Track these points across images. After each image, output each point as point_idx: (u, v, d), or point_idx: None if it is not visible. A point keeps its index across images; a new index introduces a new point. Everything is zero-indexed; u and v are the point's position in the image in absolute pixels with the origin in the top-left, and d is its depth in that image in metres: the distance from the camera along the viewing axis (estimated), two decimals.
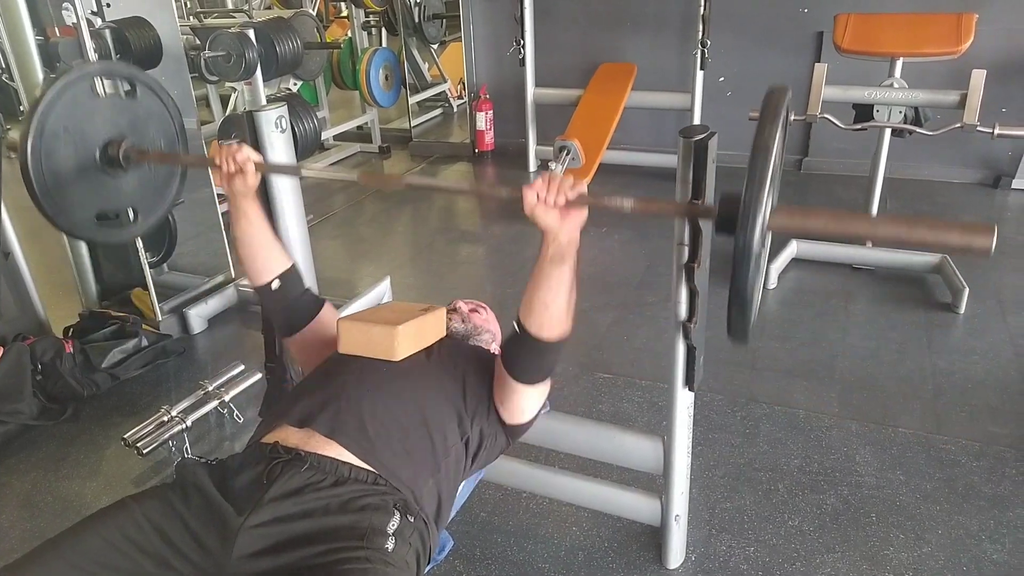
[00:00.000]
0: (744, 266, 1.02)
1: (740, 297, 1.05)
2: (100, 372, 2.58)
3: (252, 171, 1.47)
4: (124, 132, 1.76)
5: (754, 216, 1.00)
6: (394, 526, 1.21)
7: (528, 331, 1.31)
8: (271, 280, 1.55)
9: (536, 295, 1.29)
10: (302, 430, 1.31)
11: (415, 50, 6.13)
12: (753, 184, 1.00)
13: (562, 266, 1.26)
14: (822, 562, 1.79)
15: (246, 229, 1.52)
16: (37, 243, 3.49)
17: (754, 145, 1.03)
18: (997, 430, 2.21)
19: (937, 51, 3.01)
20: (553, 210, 1.21)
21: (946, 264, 3.03)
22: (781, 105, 1.09)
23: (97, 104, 1.72)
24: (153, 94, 1.84)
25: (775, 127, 1.04)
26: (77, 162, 1.69)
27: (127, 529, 1.19)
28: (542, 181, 1.21)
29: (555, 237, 1.23)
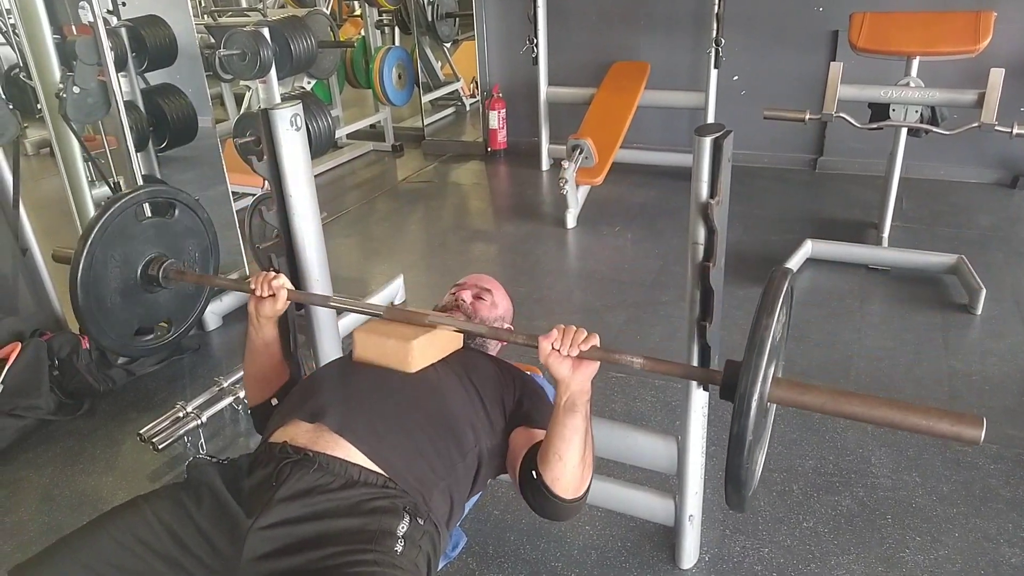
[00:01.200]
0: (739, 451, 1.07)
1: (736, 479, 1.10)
2: (116, 368, 2.60)
3: (283, 297, 1.53)
4: (163, 251, 1.85)
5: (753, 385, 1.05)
6: (403, 529, 1.22)
7: (544, 482, 1.31)
8: (270, 398, 1.61)
9: (551, 445, 1.30)
10: (312, 424, 1.32)
11: (428, 49, 6.14)
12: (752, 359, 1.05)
13: (575, 416, 1.26)
14: (837, 564, 1.78)
15: (261, 351, 1.58)
16: (54, 240, 3.51)
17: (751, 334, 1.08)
18: (1015, 432, 2.19)
19: (954, 50, 2.98)
20: (566, 360, 1.24)
21: (962, 264, 3.00)
22: (783, 285, 1.14)
23: (140, 228, 1.80)
24: (190, 211, 1.91)
25: (773, 318, 1.08)
26: (121, 286, 1.78)
27: (139, 530, 1.20)
28: (557, 332, 1.25)
29: (567, 386, 1.26)
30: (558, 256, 3.73)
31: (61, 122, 2.50)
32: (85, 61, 2.42)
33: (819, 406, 1.09)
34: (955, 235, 3.56)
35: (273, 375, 1.61)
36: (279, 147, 1.68)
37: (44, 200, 4.50)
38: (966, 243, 3.39)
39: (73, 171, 2.64)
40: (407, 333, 1.44)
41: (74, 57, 2.44)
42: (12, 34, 4.44)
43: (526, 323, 2.68)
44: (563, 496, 1.30)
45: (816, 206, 4.07)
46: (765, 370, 1.06)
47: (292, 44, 3.83)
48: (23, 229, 2.63)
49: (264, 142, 1.68)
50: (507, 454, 1.45)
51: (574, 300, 3.23)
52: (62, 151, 2.61)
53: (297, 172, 1.73)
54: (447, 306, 1.73)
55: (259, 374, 1.61)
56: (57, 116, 2.48)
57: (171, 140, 3.02)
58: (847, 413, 1.07)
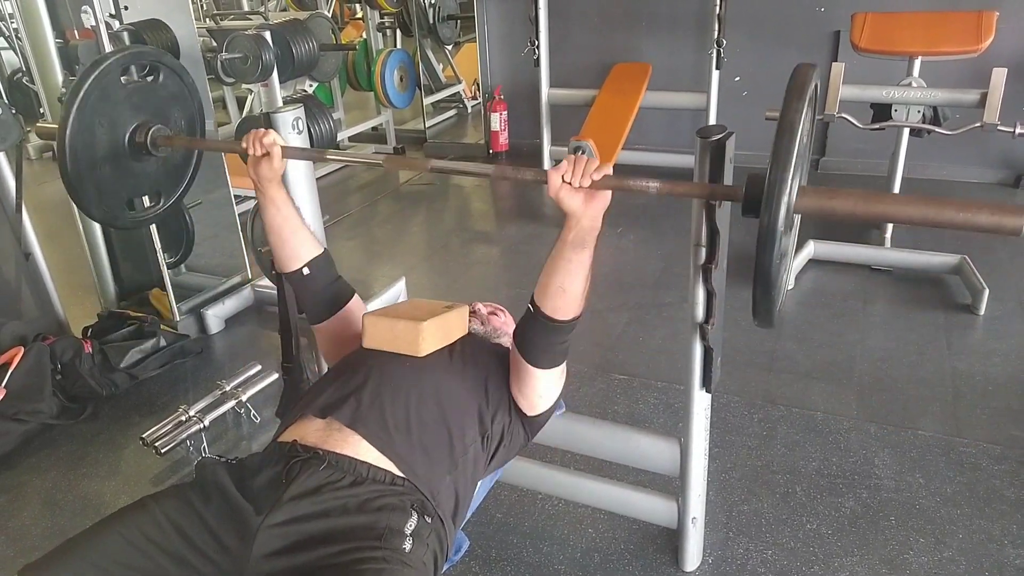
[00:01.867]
0: (769, 244, 0.99)
1: (765, 276, 1.03)
2: (119, 372, 2.60)
3: (279, 155, 1.48)
4: (149, 117, 1.77)
5: (780, 192, 0.97)
6: (412, 526, 1.22)
7: (543, 312, 1.32)
8: (301, 267, 1.55)
9: (553, 278, 1.29)
10: (324, 420, 1.32)
11: (430, 51, 6.14)
12: (779, 162, 0.98)
13: (582, 250, 1.26)
14: (840, 566, 1.77)
15: (274, 215, 1.53)
16: (56, 244, 3.53)
17: (780, 123, 1.01)
18: (1019, 433, 2.18)
19: (957, 50, 2.98)
20: (578, 193, 1.21)
21: (965, 265, 3.00)
22: (808, 82, 1.06)
23: (124, 91, 1.72)
24: (175, 75, 1.84)
25: (802, 104, 1.01)
26: (109, 153, 1.71)
27: (147, 529, 1.20)
28: (567, 163, 1.21)
29: (578, 221, 1.23)
30: None
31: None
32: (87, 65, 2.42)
33: (848, 210, 1.01)
34: (958, 235, 3.54)
35: (297, 242, 1.55)
36: None
37: (47, 204, 4.51)
38: (969, 243, 3.37)
39: None
40: (416, 315, 1.45)
41: (76, 61, 2.45)
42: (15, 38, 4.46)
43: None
44: (562, 319, 1.32)
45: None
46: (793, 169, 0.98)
47: (294, 47, 3.84)
48: (25, 233, 2.64)
49: None
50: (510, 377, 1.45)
51: None
52: None
53: (299, 175, 1.73)
54: None
55: (283, 244, 1.55)
56: None
57: None
58: (878, 214, 1.01)
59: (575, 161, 1.21)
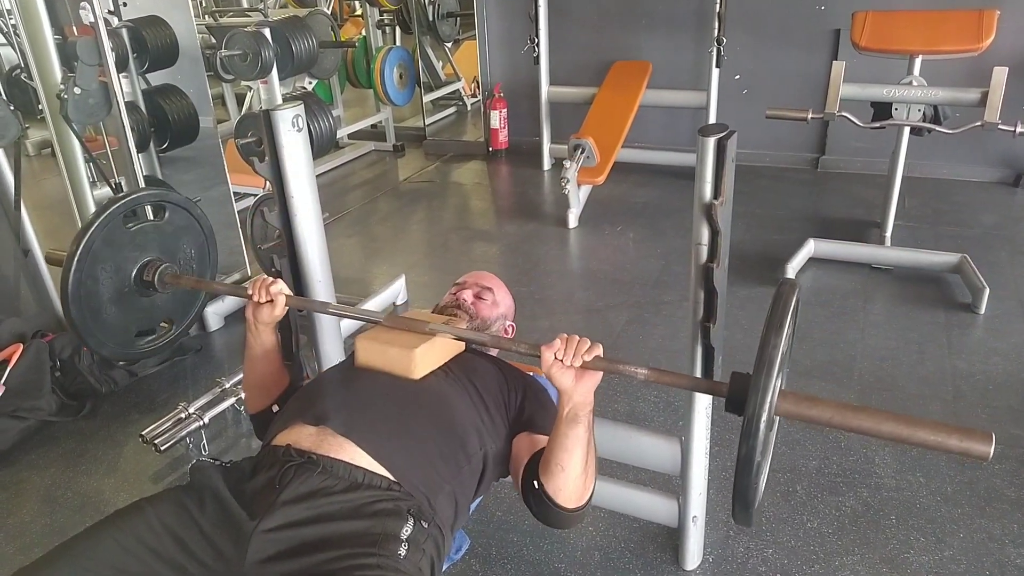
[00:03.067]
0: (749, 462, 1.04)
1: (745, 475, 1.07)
2: (118, 369, 2.59)
3: (282, 303, 1.50)
4: (156, 256, 1.80)
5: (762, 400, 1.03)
6: (407, 532, 1.21)
7: (546, 492, 1.30)
8: (270, 405, 1.60)
9: (553, 456, 1.29)
10: (317, 427, 1.31)
11: (429, 48, 6.13)
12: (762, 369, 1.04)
13: (576, 426, 1.25)
14: (841, 564, 1.77)
15: (260, 358, 1.56)
16: (56, 241, 3.52)
17: (764, 333, 1.07)
18: (1019, 432, 2.18)
19: (958, 48, 2.97)
20: (569, 371, 1.23)
21: (966, 264, 2.99)
22: (791, 300, 1.13)
23: (129, 235, 1.75)
24: (181, 210, 1.87)
25: (781, 335, 1.07)
26: (115, 294, 1.74)
27: (142, 533, 1.19)
28: (560, 341, 1.23)
29: (570, 397, 1.24)
30: (560, 256, 3.72)
31: (62, 123, 2.50)
32: (86, 62, 2.42)
33: (826, 420, 1.07)
34: (958, 234, 3.55)
35: (272, 382, 1.60)
36: (280, 148, 1.67)
37: (46, 201, 4.50)
38: (969, 242, 3.38)
39: (74, 172, 2.64)
40: (410, 340, 1.44)
41: (75, 58, 2.44)
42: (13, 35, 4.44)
43: (528, 323, 2.68)
44: (565, 505, 1.30)
45: (818, 205, 4.06)
46: (773, 388, 1.05)
47: (293, 44, 3.83)
48: (24, 230, 2.63)
49: (266, 143, 1.68)
50: (510, 459, 1.44)
51: (576, 300, 3.23)
52: (63, 152, 2.60)
53: (299, 173, 1.73)
54: (447, 305, 1.72)
55: (259, 381, 1.59)
56: (58, 117, 2.48)
57: (172, 141, 3.02)
58: (855, 427, 1.06)
59: (567, 340, 1.23)
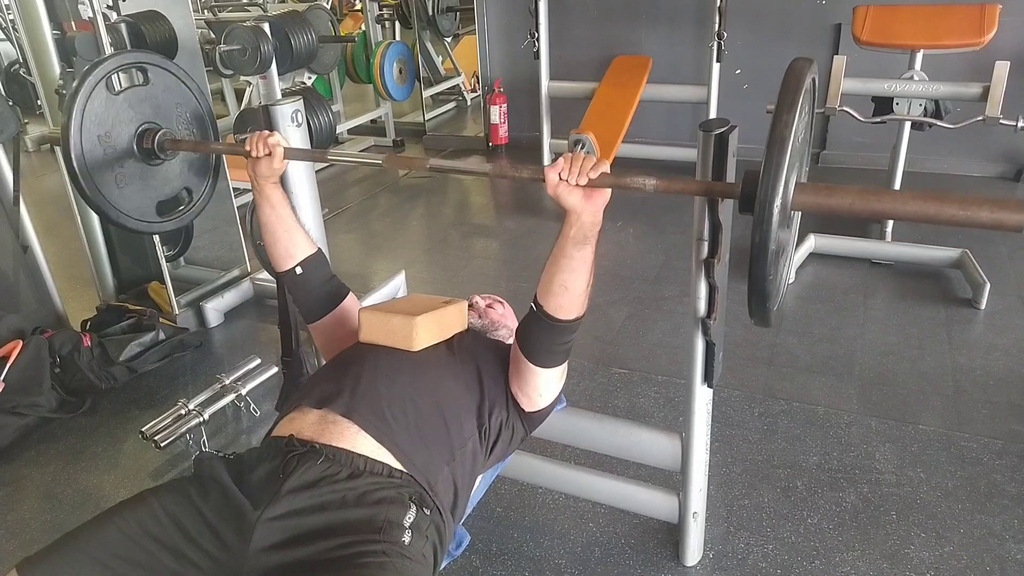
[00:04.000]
0: (763, 248, 0.98)
1: (758, 275, 1.02)
2: (118, 365, 2.59)
3: (280, 155, 1.49)
4: (152, 120, 1.76)
5: (774, 187, 0.95)
6: (411, 519, 1.21)
7: (546, 311, 1.31)
8: (294, 266, 1.56)
9: (556, 277, 1.28)
10: (319, 411, 1.32)
11: (429, 43, 6.12)
12: (773, 153, 0.96)
13: (584, 247, 1.25)
14: (842, 560, 1.77)
15: (269, 214, 1.54)
16: (55, 237, 3.52)
17: (775, 115, 0.99)
18: (1020, 428, 2.18)
19: (959, 43, 2.96)
20: (576, 190, 1.20)
21: (967, 259, 2.99)
22: (804, 75, 1.05)
23: (118, 102, 1.71)
24: (165, 71, 1.83)
25: (798, 96, 1.00)
26: (122, 165, 1.71)
27: (146, 523, 1.20)
28: (564, 161, 1.20)
29: (578, 217, 1.22)
30: None
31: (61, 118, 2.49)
32: (85, 57, 2.41)
33: (847, 207, 1.00)
34: (959, 229, 3.53)
35: (290, 242, 1.56)
36: None
37: (45, 197, 4.49)
38: (970, 237, 3.36)
39: None
40: (412, 310, 1.45)
41: (74, 53, 2.43)
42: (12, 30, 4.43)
43: None
44: (565, 318, 1.31)
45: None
46: (787, 173, 0.97)
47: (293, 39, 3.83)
48: (24, 226, 2.63)
49: None
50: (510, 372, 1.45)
51: None
52: None
53: (298, 168, 1.72)
54: None
55: (276, 242, 1.56)
56: (57, 112, 2.48)
57: None
58: (877, 211, 1.00)
59: (572, 159, 1.20)
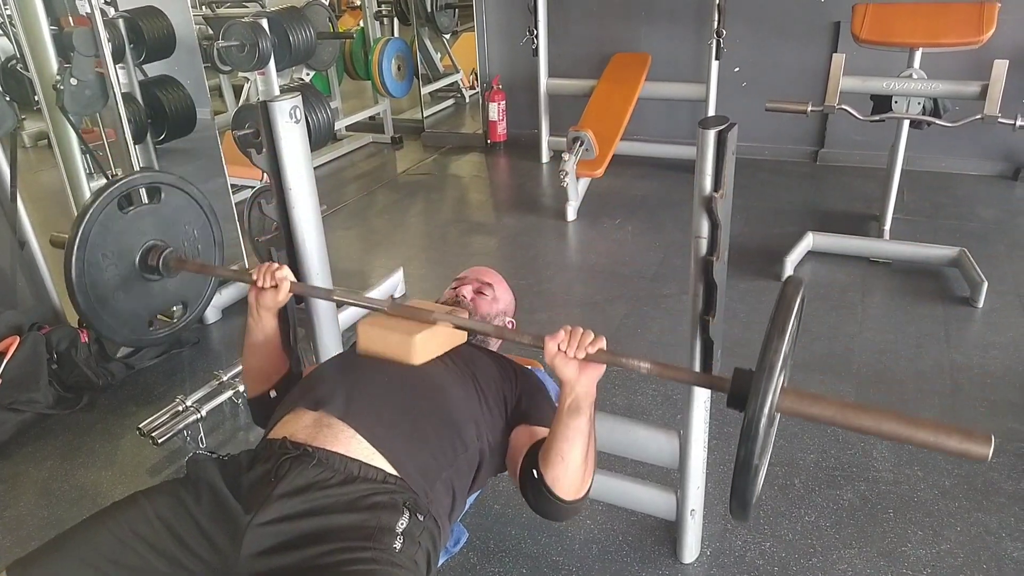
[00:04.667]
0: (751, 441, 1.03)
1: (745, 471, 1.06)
2: (115, 361, 2.59)
3: (286, 288, 1.51)
4: (158, 239, 1.79)
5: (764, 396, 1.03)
6: (403, 525, 1.21)
7: (545, 483, 1.30)
8: (268, 390, 1.59)
9: (554, 445, 1.29)
10: (316, 413, 1.31)
11: (427, 40, 6.10)
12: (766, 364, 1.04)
13: (578, 417, 1.26)
14: (839, 558, 1.77)
15: (259, 341, 1.56)
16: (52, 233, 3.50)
17: (769, 327, 1.07)
18: (1017, 426, 2.18)
19: (958, 41, 2.96)
20: (572, 362, 1.23)
21: (964, 257, 2.99)
22: (796, 295, 1.13)
23: (125, 221, 1.74)
24: (177, 190, 1.86)
25: (784, 338, 1.07)
26: (121, 281, 1.74)
27: (138, 526, 1.19)
28: (564, 333, 1.24)
29: (572, 388, 1.25)
30: (558, 249, 3.72)
31: (59, 114, 2.48)
32: (83, 53, 2.41)
33: (828, 418, 1.07)
34: (957, 228, 3.55)
35: (272, 368, 1.60)
36: (278, 139, 1.66)
37: (42, 192, 4.48)
38: (968, 236, 3.37)
39: (71, 163, 2.63)
40: (411, 327, 1.44)
41: (71, 48, 2.42)
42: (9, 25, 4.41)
43: (526, 316, 2.67)
44: (564, 497, 1.30)
45: (817, 199, 4.06)
46: (775, 388, 1.04)
47: (291, 35, 3.81)
48: (21, 222, 2.62)
49: (263, 134, 1.67)
50: (508, 452, 1.44)
51: (574, 293, 3.22)
52: (60, 143, 2.59)
53: (297, 164, 1.71)
54: (447, 301, 1.72)
55: (258, 366, 1.59)
56: (54, 108, 2.47)
57: (169, 132, 3.01)
58: (855, 426, 1.06)
59: (571, 332, 1.24)
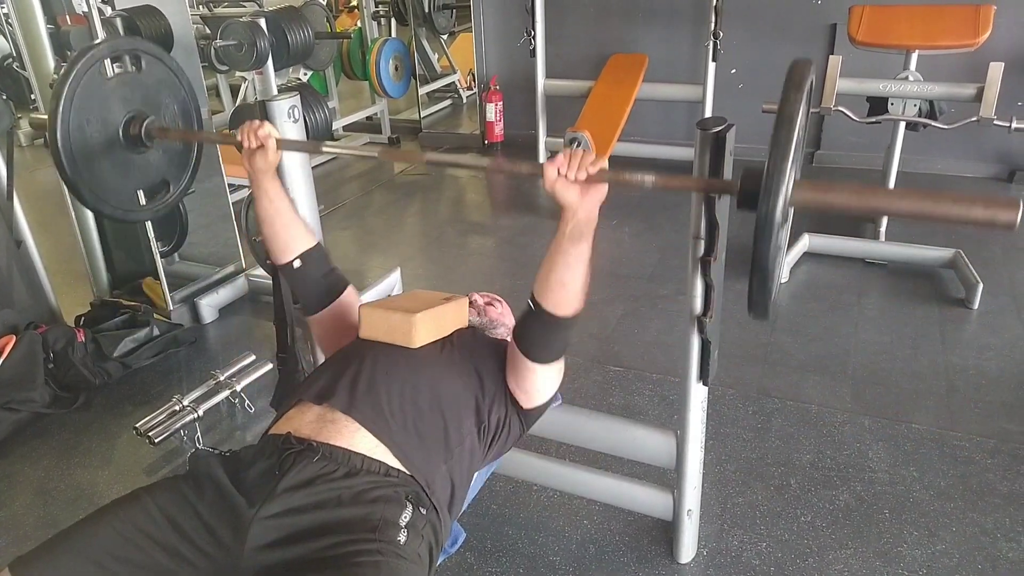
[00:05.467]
0: (766, 237, 1.00)
1: (761, 270, 1.03)
2: (112, 361, 2.58)
3: (273, 147, 1.48)
4: (140, 108, 1.76)
5: (777, 186, 0.97)
6: (406, 518, 1.21)
7: (543, 308, 1.31)
8: (292, 259, 1.55)
9: (553, 273, 1.29)
10: (320, 407, 1.32)
11: (425, 40, 6.10)
12: (777, 153, 0.98)
13: (580, 243, 1.25)
14: (835, 558, 1.78)
15: (267, 207, 1.53)
16: (49, 232, 3.50)
17: (778, 115, 1.01)
18: (1012, 427, 2.19)
19: (954, 43, 2.97)
20: (573, 185, 1.20)
21: (960, 259, 3.00)
22: (805, 77, 1.07)
23: (108, 87, 1.71)
24: (158, 61, 1.83)
25: (800, 96, 1.02)
26: (106, 149, 1.71)
27: (140, 521, 1.19)
28: (563, 156, 1.21)
29: (574, 213, 1.23)
30: None
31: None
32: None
33: (843, 203, 1.02)
34: (952, 230, 3.56)
35: (289, 235, 1.55)
36: None
37: (38, 191, 4.46)
38: (963, 238, 3.38)
39: None
40: (412, 307, 1.45)
41: (68, 47, 2.42)
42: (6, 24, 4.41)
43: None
44: (562, 314, 1.31)
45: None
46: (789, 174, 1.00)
47: (289, 35, 3.82)
48: (17, 221, 2.62)
49: None
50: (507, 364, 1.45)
51: None
52: None
53: (294, 164, 1.71)
54: None
55: (274, 235, 1.55)
56: None
57: None
58: (874, 207, 1.02)
59: (570, 154, 1.20)
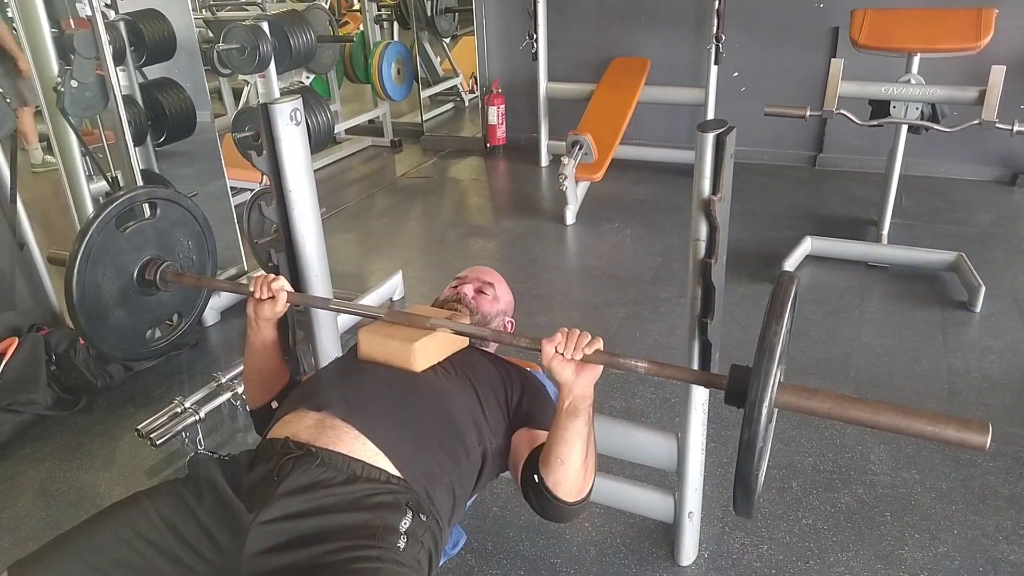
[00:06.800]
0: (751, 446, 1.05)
1: (745, 485, 1.09)
2: (114, 363, 2.58)
3: (283, 299, 1.52)
4: (155, 253, 1.80)
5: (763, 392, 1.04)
6: (406, 525, 1.21)
7: (546, 486, 1.31)
8: (270, 401, 1.60)
9: (553, 449, 1.30)
10: (319, 414, 1.32)
11: (427, 44, 6.12)
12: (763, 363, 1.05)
13: (576, 419, 1.27)
14: (836, 561, 1.78)
15: (260, 354, 1.58)
16: (52, 235, 3.51)
17: (762, 337, 1.08)
18: (1014, 430, 2.19)
19: (956, 47, 2.97)
20: (569, 363, 1.24)
21: (962, 262, 3.00)
22: (791, 289, 1.15)
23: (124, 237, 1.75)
24: (173, 203, 1.87)
25: (780, 327, 1.08)
26: (120, 298, 1.75)
27: (140, 525, 1.19)
28: (561, 335, 1.25)
29: (570, 390, 1.25)
30: (557, 252, 3.72)
31: (59, 116, 2.49)
32: (83, 55, 2.41)
33: (825, 411, 1.08)
34: (955, 232, 3.56)
35: (273, 378, 1.60)
36: (279, 142, 1.66)
37: (42, 195, 4.48)
38: (966, 240, 3.38)
39: (71, 165, 2.63)
40: (411, 334, 1.45)
41: (72, 51, 2.43)
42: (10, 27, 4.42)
43: (525, 319, 2.68)
44: (565, 499, 1.30)
45: (816, 203, 4.07)
46: (774, 377, 1.05)
47: (291, 38, 3.82)
48: (20, 224, 2.62)
49: (264, 137, 1.67)
50: (509, 455, 1.45)
51: (573, 296, 3.23)
52: (60, 145, 2.59)
53: (297, 167, 1.72)
54: (448, 299, 1.72)
55: (259, 376, 1.60)
56: (55, 110, 2.47)
57: (169, 135, 3.01)
58: (852, 418, 1.07)
59: (568, 334, 1.25)
